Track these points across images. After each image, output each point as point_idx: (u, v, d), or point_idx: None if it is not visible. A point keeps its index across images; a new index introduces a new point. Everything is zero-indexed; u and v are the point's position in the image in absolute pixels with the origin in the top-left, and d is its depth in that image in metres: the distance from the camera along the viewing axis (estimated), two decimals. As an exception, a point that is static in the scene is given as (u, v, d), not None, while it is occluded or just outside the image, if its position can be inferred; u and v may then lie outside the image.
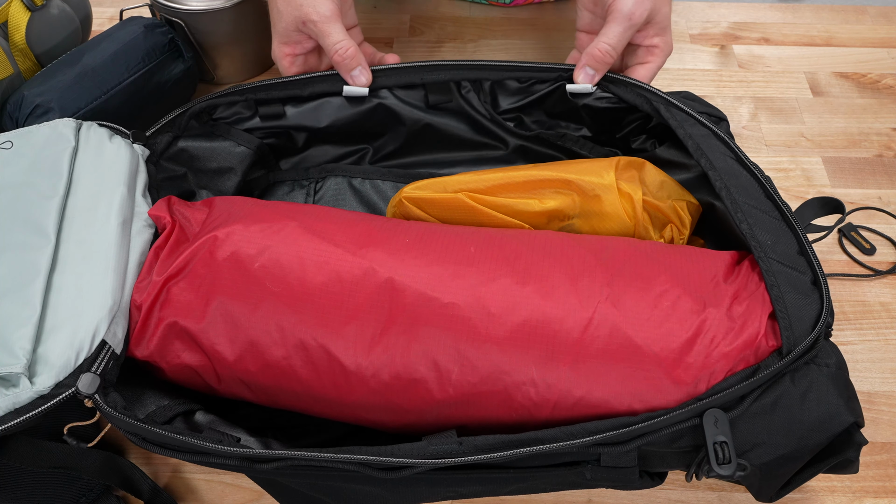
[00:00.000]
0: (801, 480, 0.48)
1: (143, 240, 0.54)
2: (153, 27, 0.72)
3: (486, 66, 0.64)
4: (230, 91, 0.64)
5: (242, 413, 0.56)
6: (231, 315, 0.49)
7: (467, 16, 0.90)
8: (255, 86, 0.64)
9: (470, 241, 0.52)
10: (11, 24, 0.69)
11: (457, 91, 0.65)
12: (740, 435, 0.45)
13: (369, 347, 0.48)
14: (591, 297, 0.48)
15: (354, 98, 0.65)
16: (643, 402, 0.46)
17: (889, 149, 0.78)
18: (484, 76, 0.65)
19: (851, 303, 0.67)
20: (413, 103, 0.67)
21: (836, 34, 0.88)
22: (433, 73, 0.64)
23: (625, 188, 0.57)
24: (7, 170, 0.55)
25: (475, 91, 0.65)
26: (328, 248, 0.50)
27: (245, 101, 0.64)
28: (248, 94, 0.64)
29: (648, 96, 0.61)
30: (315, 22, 0.63)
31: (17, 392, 0.45)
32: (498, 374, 0.47)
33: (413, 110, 0.67)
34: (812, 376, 0.46)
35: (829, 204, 0.58)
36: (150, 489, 0.54)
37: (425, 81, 0.64)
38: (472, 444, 0.45)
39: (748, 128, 0.79)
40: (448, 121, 0.68)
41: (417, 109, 0.67)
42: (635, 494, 0.57)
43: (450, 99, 0.66)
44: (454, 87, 0.65)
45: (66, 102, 0.66)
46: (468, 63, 0.64)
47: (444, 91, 0.65)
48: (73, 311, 0.48)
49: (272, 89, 0.64)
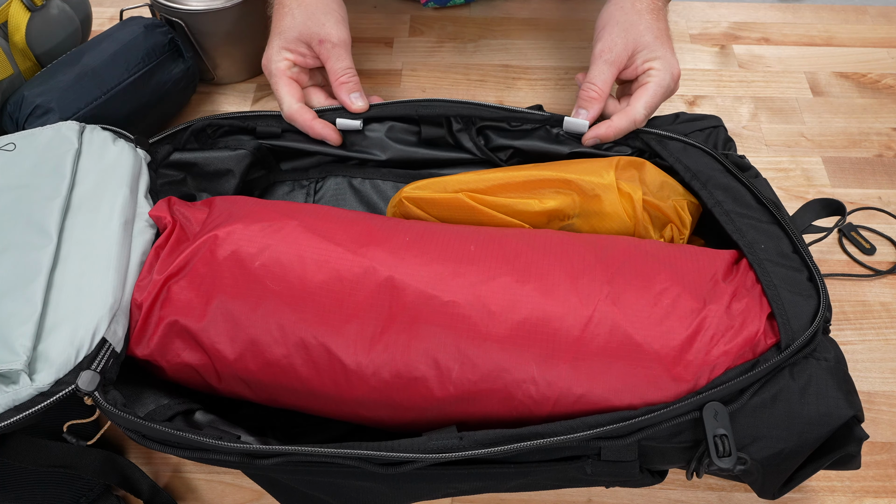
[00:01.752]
0: (804, 477, 0.48)
1: (145, 240, 0.54)
2: (153, 27, 0.72)
3: (479, 105, 0.64)
4: (232, 115, 0.65)
5: (242, 413, 0.56)
6: (231, 314, 0.50)
7: (467, 16, 0.91)
8: (257, 115, 0.66)
9: (470, 240, 0.52)
10: (11, 25, 0.69)
11: (447, 130, 0.66)
12: (740, 429, 0.46)
13: (370, 346, 0.48)
14: (592, 295, 0.48)
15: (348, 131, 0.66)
16: (643, 400, 0.46)
17: (889, 149, 0.78)
18: (475, 113, 0.64)
19: (851, 303, 0.67)
20: (405, 139, 0.67)
21: (836, 34, 0.88)
22: (426, 108, 0.65)
23: (625, 188, 0.57)
24: (10, 171, 0.55)
25: (466, 132, 0.66)
26: (328, 246, 0.51)
27: (245, 126, 0.66)
28: (250, 122, 0.66)
29: (642, 136, 0.63)
30: (334, 44, 0.66)
31: (18, 389, 0.46)
32: (498, 372, 0.47)
33: (405, 148, 0.67)
34: (811, 370, 0.46)
35: (830, 205, 0.59)
36: (149, 488, 0.54)
37: (419, 114, 0.65)
38: (472, 438, 0.45)
39: (748, 128, 0.79)
40: (441, 153, 0.68)
41: (410, 146, 0.67)
42: (635, 494, 0.57)
43: (442, 134, 0.66)
44: (445, 124, 0.65)
45: (67, 102, 0.66)
46: (461, 102, 0.64)
47: (437, 125, 0.66)
48: (73, 309, 0.49)
49: (272, 120, 0.66)
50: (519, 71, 0.85)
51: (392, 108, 0.66)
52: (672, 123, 0.64)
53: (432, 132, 0.66)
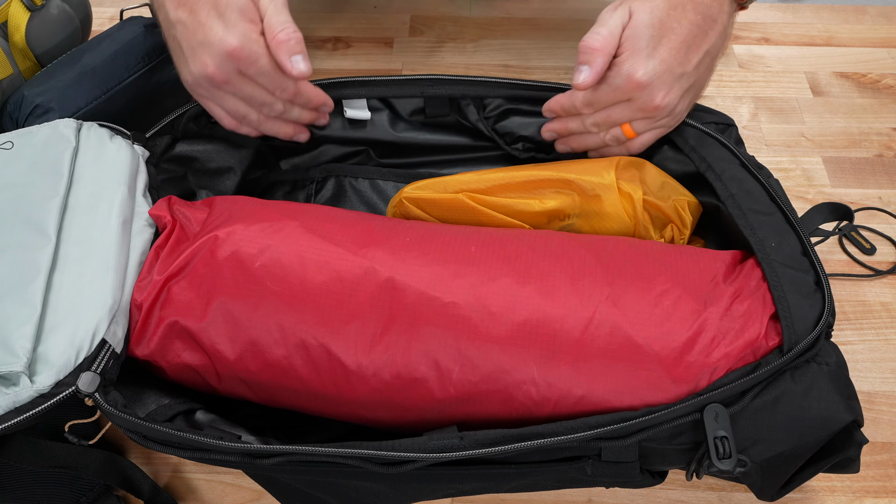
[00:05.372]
0: (803, 479, 0.48)
1: (144, 239, 0.54)
2: (153, 27, 0.72)
3: (489, 82, 0.63)
4: None
5: (242, 414, 0.56)
6: (232, 314, 0.49)
7: (467, 16, 0.91)
8: None
9: (470, 241, 0.52)
10: (11, 24, 0.69)
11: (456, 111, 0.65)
12: (741, 431, 0.46)
13: (370, 347, 0.48)
14: (592, 296, 0.48)
15: (355, 120, 0.66)
16: (644, 401, 0.46)
17: (889, 149, 0.78)
18: (484, 93, 0.64)
19: (851, 303, 0.67)
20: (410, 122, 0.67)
21: (836, 34, 0.88)
22: (434, 86, 0.64)
23: (625, 188, 0.57)
24: (8, 170, 0.55)
25: (475, 107, 0.65)
26: (329, 247, 0.50)
27: None
28: None
29: None
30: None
31: (18, 391, 0.45)
32: (499, 374, 0.47)
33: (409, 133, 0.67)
34: (813, 374, 0.46)
35: (838, 210, 0.59)
36: (150, 489, 0.54)
37: (425, 95, 0.64)
38: (473, 438, 0.45)
39: (748, 128, 0.79)
40: (445, 136, 0.68)
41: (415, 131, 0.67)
42: (635, 494, 0.57)
43: (447, 113, 0.65)
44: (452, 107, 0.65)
45: (66, 102, 0.66)
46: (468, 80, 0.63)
47: (442, 104, 0.65)
48: (73, 310, 0.48)
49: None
50: (519, 71, 0.85)
51: (395, 87, 0.64)
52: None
53: (438, 111, 0.65)
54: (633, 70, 0.55)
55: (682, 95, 0.58)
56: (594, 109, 0.59)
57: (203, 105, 0.60)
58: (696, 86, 0.59)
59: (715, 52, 0.59)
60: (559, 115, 0.62)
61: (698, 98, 0.61)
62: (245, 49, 0.54)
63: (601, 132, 0.60)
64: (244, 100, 0.59)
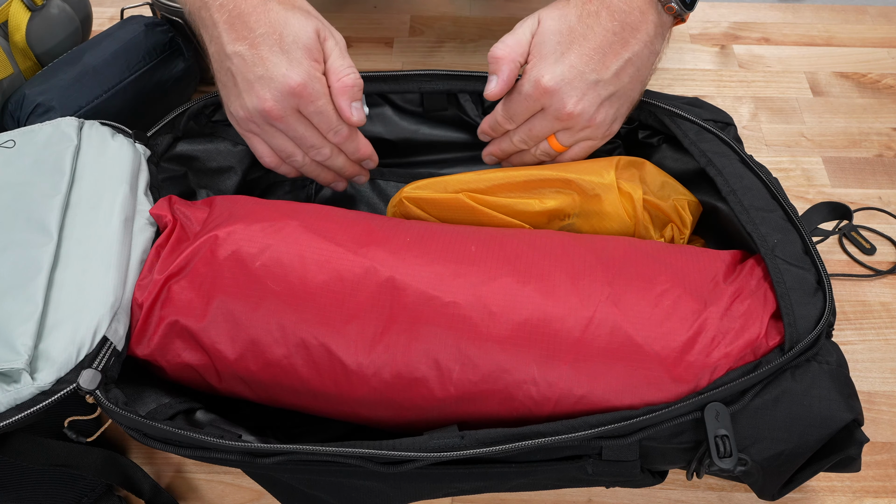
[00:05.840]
0: (804, 478, 0.48)
1: (145, 238, 0.54)
2: (154, 26, 0.72)
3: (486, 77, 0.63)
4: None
5: (243, 414, 0.56)
6: (232, 314, 0.49)
7: (467, 16, 0.91)
8: None
9: (471, 241, 0.52)
10: (11, 24, 0.69)
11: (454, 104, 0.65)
12: (741, 430, 0.46)
13: (370, 346, 0.48)
14: (592, 296, 0.48)
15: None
16: (644, 401, 0.46)
17: (889, 149, 0.78)
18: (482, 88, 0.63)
19: (851, 303, 0.67)
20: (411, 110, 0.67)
21: (836, 34, 0.88)
22: (431, 82, 0.63)
23: (625, 187, 0.57)
24: (9, 168, 0.55)
25: (474, 102, 0.65)
26: (329, 247, 0.51)
27: None
28: None
29: (653, 109, 0.61)
30: (336, 40, 0.57)
31: (19, 388, 0.45)
32: (499, 373, 0.47)
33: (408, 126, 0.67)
34: (813, 373, 0.46)
35: (838, 209, 0.59)
36: (151, 488, 0.54)
37: (423, 90, 0.64)
38: (473, 437, 0.45)
39: (748, 128, 0.79)
40: (445, 132, 0.68)
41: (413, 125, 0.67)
42: (635, 494, 0.57)
43: (445, 107, 0.65)
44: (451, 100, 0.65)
45: (67, 101, 0.66)
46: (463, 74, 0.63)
47: (440, 98, 0.65)
48: (74, 307, 0.48)
49: None
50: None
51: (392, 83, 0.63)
52: (687, 104, 0.62)
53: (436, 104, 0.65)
54: (540, 75, 0.55)
55: (600, 104, 0.56)
56: (515, 123, 0.59)
57: (247, 140, 0.59)
58: (621, 96, 0.57)
59: (640, 61, 0.56)
60: (490, 135, 0.62)
61: (628, 110, 0.59)
62: (308, 87, 0.54)
63: (531, 148, 0.60)
64: (294, 139, 0.58)
